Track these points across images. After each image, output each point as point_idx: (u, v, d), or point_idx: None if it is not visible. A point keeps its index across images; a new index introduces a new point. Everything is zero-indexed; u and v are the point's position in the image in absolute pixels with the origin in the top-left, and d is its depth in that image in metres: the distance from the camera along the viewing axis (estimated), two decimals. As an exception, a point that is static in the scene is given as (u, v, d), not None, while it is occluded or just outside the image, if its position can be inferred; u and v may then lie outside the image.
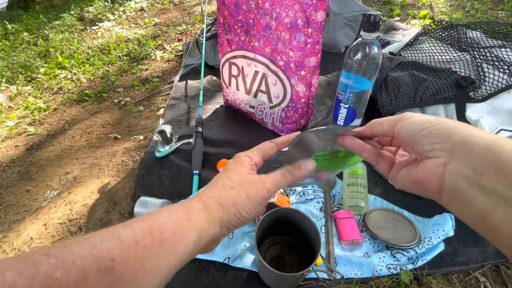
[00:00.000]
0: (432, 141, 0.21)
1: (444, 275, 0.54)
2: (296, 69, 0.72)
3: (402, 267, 0.53)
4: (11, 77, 1.45)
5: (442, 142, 0.20)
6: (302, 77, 0.73)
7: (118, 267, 0.17)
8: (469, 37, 0.77)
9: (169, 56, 1.49)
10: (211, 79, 1.19)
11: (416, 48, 0.86)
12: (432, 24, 0.89)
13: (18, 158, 0.93)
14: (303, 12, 0.64)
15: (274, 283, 0.51)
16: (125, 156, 0.87)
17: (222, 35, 0.86)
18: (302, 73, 0.73)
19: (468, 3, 1.73)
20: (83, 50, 1.65)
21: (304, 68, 0.72)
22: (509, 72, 0.62)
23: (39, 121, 1.11)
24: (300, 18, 0.65)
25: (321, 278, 0.52)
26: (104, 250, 0.17)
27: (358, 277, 0.53)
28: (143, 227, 0.20)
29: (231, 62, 0.87)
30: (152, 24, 1.99)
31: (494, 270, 0.55)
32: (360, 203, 0.61)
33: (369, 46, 0.61)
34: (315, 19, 0.65)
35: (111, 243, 0.17)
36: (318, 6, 0.63)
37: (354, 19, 1.21)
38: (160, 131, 0.80)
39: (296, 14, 0.65)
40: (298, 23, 0.66)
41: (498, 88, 0.62)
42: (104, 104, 1.17)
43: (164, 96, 1.17)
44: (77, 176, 0.83)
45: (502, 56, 0.66)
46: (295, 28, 0.67)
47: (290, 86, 0.75)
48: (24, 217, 0.72)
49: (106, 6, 2.44)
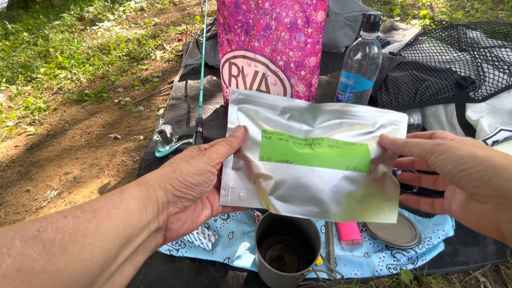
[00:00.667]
0: (473, 184, 0.20)
1: (444, 275, 0.54)
2: (296, 69, 0.72)
3: (402, 267, 0.53)
4: (11, 77, 1.45)
5: (484, 186, 0.19)
6: (302, 77, 0.74)
7: (45, 234, 0.16)
8: (469, 37, 0.77)
9: (169, 56, 1.49)
10: (211, 79, 1.19)
11: (416, 48, 0.86)
12: (432, 24, 0.89)
13: (18, 158, 0.93)
14: (303, 12, 0.65)
15: (274, 283, 0.51)
16: (125, 156, 0.87)
17: (222, 35, 0.86)
18: (302, 73, 0.73)
19: (468, 3, 1.73)
20: (83, 50, 1.65)
21: (304, 68, 0.72)
22: (509, 72, 0.62)
23: (39, 121, 1.11)
24: (300, 18, 0.65)
25: (321, 278, 0.52)
26: (27, 225, 0.17)
27: (358, 277, 0.53)
28: (71, 208, 0.20)
29: (231, 62, 0.87)
30: (152, 24, 1.99)
31: (494, 270, 0.55)
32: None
33: (369, 46, 0.61)
34: (315, 19, 0.65)
35: (36, 221, 0.17)
36: (318, 6, 0.63)
37: (354, 19, 1.21)
38: (160, 131, 0.80)
39: (296, 14, 0.65)
40: (298, 23, 0.66)
41: (498, 88, 0.62)
42: (104, 104, 1.17)
43: (164, 96, 1.17)
44: (77, 176, 0.83)
45: (502, 56, 0.66)
46: (295, 28, 0.67)
47: (290, 86, 0.75)
48: (24, 217, 0.72)
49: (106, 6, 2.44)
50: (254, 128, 0.30)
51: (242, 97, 0.32)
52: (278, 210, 0.28)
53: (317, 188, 0.28)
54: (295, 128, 0.32)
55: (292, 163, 0.28)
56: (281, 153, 0.29)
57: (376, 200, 0.28)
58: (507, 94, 0.61)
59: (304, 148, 0.29)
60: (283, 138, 0.30)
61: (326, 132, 0.31)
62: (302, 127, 0.32)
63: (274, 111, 0.32)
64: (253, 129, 0.30)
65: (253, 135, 0.30)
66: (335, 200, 0.28)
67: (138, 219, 0.21)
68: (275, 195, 0.28)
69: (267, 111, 0.32)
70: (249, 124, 0.31)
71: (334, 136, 0.30)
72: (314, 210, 0.28)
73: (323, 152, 0.29)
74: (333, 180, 0.28)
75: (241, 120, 0.31)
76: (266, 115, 0.32)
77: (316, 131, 0.31)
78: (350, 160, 0.28)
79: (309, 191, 0.28)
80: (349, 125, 0.31)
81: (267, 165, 0.29)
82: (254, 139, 0.30)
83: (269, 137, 0.30)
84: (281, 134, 0.30)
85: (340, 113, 0.32)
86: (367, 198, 0.28)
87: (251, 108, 0.32)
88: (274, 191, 0.28)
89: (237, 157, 0.30)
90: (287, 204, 0.28)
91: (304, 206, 0.28)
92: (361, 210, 0.28)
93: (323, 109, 0.32)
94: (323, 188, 0.28)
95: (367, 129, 0.31)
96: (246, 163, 0.30)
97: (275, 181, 0.28)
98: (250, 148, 0.30)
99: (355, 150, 0.29)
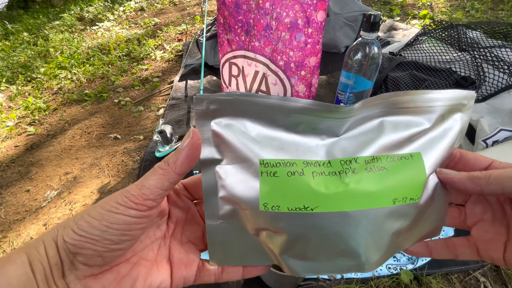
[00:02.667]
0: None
1: (444, 275, 0.54)
2: (296, 69, 0.72)
3: (402, 267, 0.53)
4: (11, 77, 1.45)
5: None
6: (302, 77, 0.74)
7: None
8: (469, 37, 0.77)
9: (169, 56, 1.49)
10: (211, 79, 1.19)
11: (416, 48, 0.86)
12: (432, 24, 0.89)
13: (18, 158, 0.93)
14: (303, 12, 0.65)
15: (274, 283, 0.51)
16: (125, 156, 0.87)
17: (222, 35, 0.86)
18: (302, 73, 0.73)
19: (468, 3, 1.73)
20: (83, 50, 1.65)
21: (304, 68, 0.72)
22: (509, 72, 0.62)
23: (39, 121, 1.11)
24: (301, 18, 0.65)
25: (321, 278, 0.52)
26: None
27: (358, 277, 0.53)
28: None
29: (231, 62, 0.87)
30: (152, 24, 1.99)
31: (494, 270, 0.55)
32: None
33: (369, 46, 0.61)
34: (315, 19, 0.65)
35: None
36: (318, 6, 0.63)
37: (354, 19, 1.21)
38: (160, 131, 0.80)
39: (296, 14, 0.65)
40: (298, 23, 0.66)
41: (498, 88, 0.62)
42: (104, 104, 1.17)
43: (164, 96, 1.17)
44: (77, 176, 0.83)
45: (502, 56, 0.66)
46: (296, 28, 0.67)
47: (290, 86, 0.75)
48: (24, 217, 0.72)
49: (106, 6, 2.44)
50: (244, 156, 0.19)
51: (216, 106, 0.19)
52: (296, 271, 0.20)
53: (352, 238, 0.19)
54: (311, 145, 0.20)
55: (314, 210, 0.18)
56: (295, 197, 0.19)
57: (424, 223, 0.21)
58: (507, 94, 0.61)
59: (330, 182, 0.19)
60: (295, 171, 0.19)
61: (359, 144, 0.20)
62: (321, 141, 0.20)
63: (272, 120, 0.20)
64: (244, 159, 0.19)
65: (245, 168, 0.19)
66: (376, 247, 0.20)
67: (27, 280, 0.15)
68: (290, 254, 0.20)
69: (262, 123, 0.20)
70: (236, 151, 0.19)
71: (372, 148, 0.20)
72: (347, 264, 0.20)
73: (359, 185, 0.19)
74: (375, 222, 0.19)
75: (222, 147, 0.20)
76: (261, 130, 0.20)
77: (344, 143, 0.20)
78: (398, 188, 0.19)
79: (340, 244, 0.19)
80: (394, 126, 0.20)
81: (275, 216, 0.19)
82: (247, 174, 0.19)
83: (273, 173, 0.19)
84: (291, 163, 0.19)
85: (382, 106, 0.20)
86: (414, 228, 0.21)
87: (234, 124, 0.20)
88: (288, 249, 0.20)
89: (225, 201, 0.20)
90: (308, 262, 0.20)
91: (333, 261, 0.20)
92: (403, 242, 0.21)
93: (353, 106, 0.19)
94: (361, 236, 0.19)
95: (420, 127, 0.20)
96: (241, 212, 0.20)
97: (288, 237, 0.19)
98: (243, 190, 0.19)
99: (405, 168, 0.19)
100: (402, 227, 0.20)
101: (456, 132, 0.20)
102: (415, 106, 0.20)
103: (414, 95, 0.20)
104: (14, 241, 0.66)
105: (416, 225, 0.21)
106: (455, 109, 0.20)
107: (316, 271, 0.21)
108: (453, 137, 0.20)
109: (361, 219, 0.19)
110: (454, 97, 0.20)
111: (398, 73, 0.81)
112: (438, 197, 0.21)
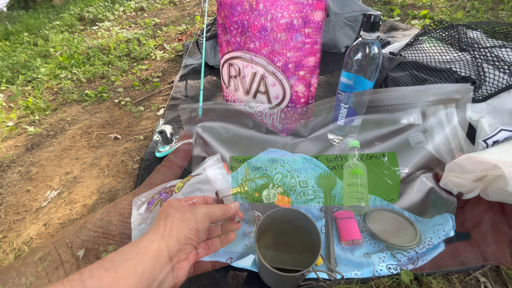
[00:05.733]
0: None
1: (444, 275, 0.54)
2: (295, 70, 0.72)
3: (402, 267, 0.53)
4: (11, 77, 1.45)
5: None
6: (301, 77, 0.73)
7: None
8: (470, 37, 0.77)
9: (169, 56, 1.49)
10: (211, 79, 1.19)
11: (416, 48, 0.86)
12: (432, 24, 0.89)
13: (18, 158, 0.93)
14: (299, 12, 0.64)
15: (274, 283, 0.51)
16: (125, 156, 0.87)
17: (221, 36, 0.86)
18: (301, 73, 0.73)
19: (468, 3, 1.73)
20: (83, 50, 1.65)
21: (303, 68, 0.72)
22: (509, 72, 0.62)
23: (39, 121, 1.11)
24: (296, 18, 0.65)
25: (321, 278, 0.52)
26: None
27: (358, 277, 0.53)
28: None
29: (230, 62, 0.87)
30: (152, 24, 1.99)
31: (494, 270, 0.55)
32: (360, 203, 0.61)
33: (369, 46, 0.61)
34: (313, 19, 0.65)
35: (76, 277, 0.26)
36: (316, 6, 0.63)
37: (354, 19, 1.21)
38: (160, 131, 0.80)
39: (291, 14, 0.65)
40: (294, 24, 0.66)
41: (498, 88, 0.61)
42: (104, 104, 1.17)
43: (164, 96, 1.17)
44: (77, 176, 0.83)
45: (503, 56, 0.66)
46: (292, 28, 0.67)
47: (289, 86, 0.75)
48: (24, 217, 0.72)
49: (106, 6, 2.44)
50: (220, 154, 0.28)
51: (197, 113, 0.24)
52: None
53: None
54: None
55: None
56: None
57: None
58: (507, 94, 0.61)
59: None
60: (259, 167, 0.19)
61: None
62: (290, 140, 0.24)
63: (244, 123, 0.27)
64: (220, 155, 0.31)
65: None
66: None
67: (154, 262, 0.29)
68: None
69: (236, 125, 0.29)
70: (214, 150, 0.27)
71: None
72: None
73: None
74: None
75: (204, 146, 0.29)
76: (237, 131, 0.27)
77: (306, 144, 0.21)
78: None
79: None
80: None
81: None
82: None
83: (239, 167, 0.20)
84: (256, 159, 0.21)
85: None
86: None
87: (214, 127, 0.28)
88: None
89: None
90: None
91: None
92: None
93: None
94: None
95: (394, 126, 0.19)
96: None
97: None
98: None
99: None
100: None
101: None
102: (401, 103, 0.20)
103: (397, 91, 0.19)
104: (14, 241, 0.66)
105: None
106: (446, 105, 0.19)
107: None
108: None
109: None
110: (443, 91, 0.18)
111: (398, 73, 0.81)
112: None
